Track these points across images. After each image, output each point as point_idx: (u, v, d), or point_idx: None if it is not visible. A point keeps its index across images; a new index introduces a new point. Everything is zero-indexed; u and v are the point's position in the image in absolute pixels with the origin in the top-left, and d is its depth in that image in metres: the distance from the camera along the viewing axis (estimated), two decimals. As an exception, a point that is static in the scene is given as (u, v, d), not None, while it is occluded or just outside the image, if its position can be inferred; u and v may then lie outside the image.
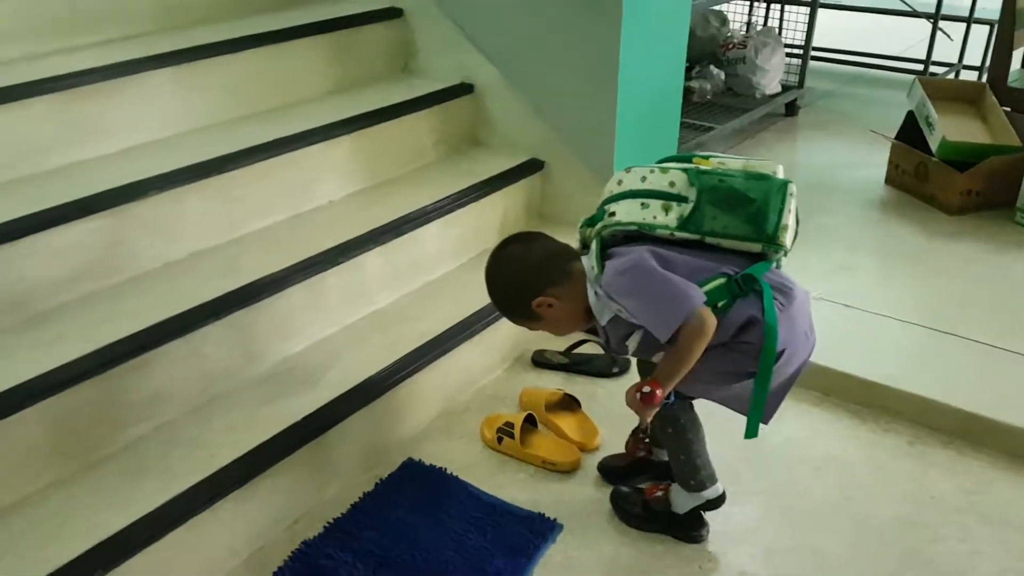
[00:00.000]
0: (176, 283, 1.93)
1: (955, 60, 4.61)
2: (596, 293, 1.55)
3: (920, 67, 4.58)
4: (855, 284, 2.59)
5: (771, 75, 4.02)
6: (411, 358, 2.01)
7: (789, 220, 1.54)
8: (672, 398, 1.56)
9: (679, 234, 1.51)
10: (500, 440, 1.98)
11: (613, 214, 1.55)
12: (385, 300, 2.25)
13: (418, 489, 1.86)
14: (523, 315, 1.64)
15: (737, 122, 3.70)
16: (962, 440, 2.01)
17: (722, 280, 1.48)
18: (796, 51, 4.22)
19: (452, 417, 2.10)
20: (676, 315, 1.43)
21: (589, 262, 1.56)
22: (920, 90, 3.18)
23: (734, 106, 3.89)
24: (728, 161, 1.61)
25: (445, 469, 1.91)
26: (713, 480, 1.72)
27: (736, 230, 1.51)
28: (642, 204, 1.54)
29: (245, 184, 2.14)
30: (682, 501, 1.73)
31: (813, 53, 4.28)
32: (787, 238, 1.53)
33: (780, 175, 1.58)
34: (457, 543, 1.71)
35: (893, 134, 3.34)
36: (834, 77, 4.82)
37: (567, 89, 2.59)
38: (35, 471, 1.59)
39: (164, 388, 1.77)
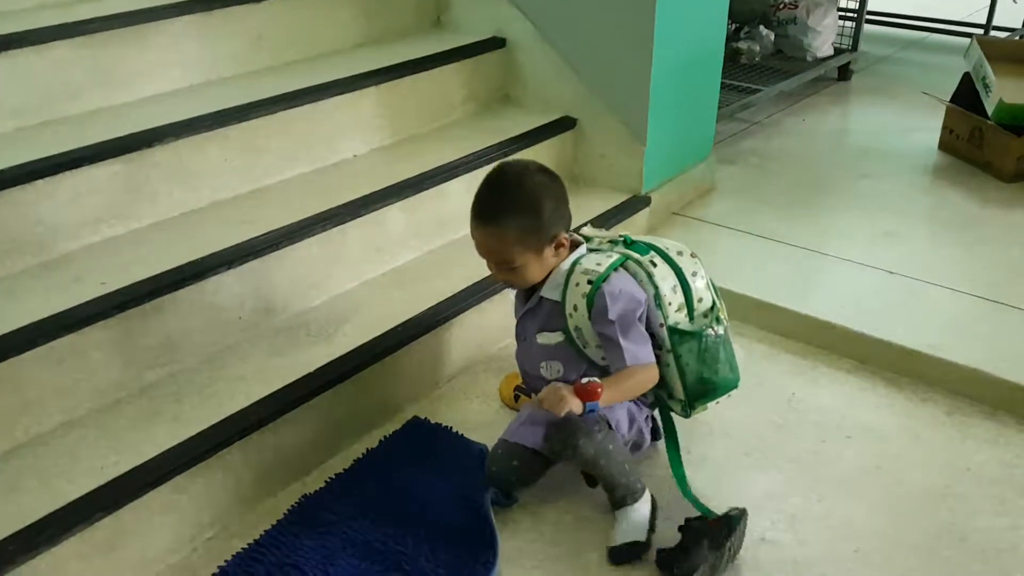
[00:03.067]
0: (194, 231, 1.92)
1: (1019, 25, 4.38)
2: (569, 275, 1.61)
3: (980, 32, 4.36)
4: (901, 251, 2.47)
5: (823, 37, 3.87)
6: (428, 315, 1.97)
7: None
8: (598, 409, 1.56)
9: (663, 331, 1.62)
10: (516, 398, 1.93)
11: (654, 264, 1.63)
12: (406, 257, 2.21)
13: (422, 446, 1.83)
14: (529, 241, 1.58)
15: (785, 84, 3.57)
16: (1006, 412, 1.90)
17: None
18: (850, 13, 4.05)
19: (468, 377, 2.06)
20: (646, 356, 1.59)
21: (596, 259, 1.62)
22: (978, 49, 3.01)
23: (783, 69, 3.75)
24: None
25: (451, 428, 1.87)
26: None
27: (692, 375, 1.65)
28: (674, 287, 1.63)
29: (267, 135, 2.11)
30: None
31: (868, 16, 4.10)
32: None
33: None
34: (460, 498, 1.67)
35: (947, 98, 3.17)
36: (890, 42, 4.63)
37: (602, 45, 2.50)
38: (47, 411, 1.59)
39: (177, 335, 1.76)
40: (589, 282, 1.58)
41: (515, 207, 1.57)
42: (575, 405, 1.51)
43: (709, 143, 2.87)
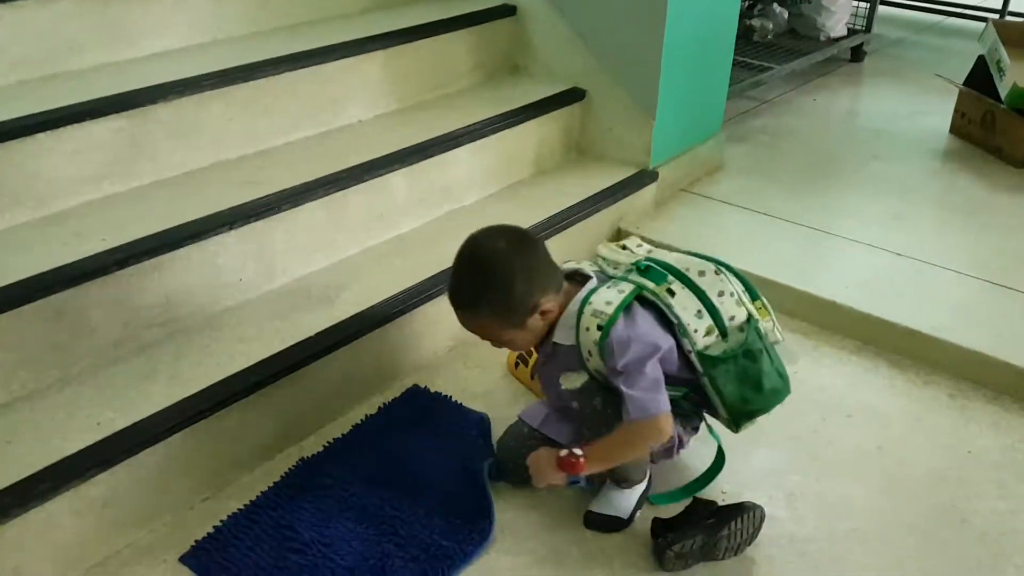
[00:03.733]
0: (196, 190, 1.89)
1: (1037, 10, 4.32)
2: (579, 318, 1.46)
3: (996, 16, 4.30)
4: (909, 233, 2.45)
5: (837, 16, 3.82)
6: (430, 283, 1.95)
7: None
8: (583, 482, 1.50)
9: (694, 358, 1.49)
10: (517, 366, 1.92)
11: (672, 293, 1.48)
12: (409, 224, 2.19)
13: (422, 414, 1.82)
14: (507, 317, 1.46)
15: (796, 64, 3.53)
16: (1009, 396, 1.89)
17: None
18: (866, -6, 3.99)
19: (468, 347, 2.04)
20: (655, 407, 1.41)
21: (606, 296, 1.46)
22: (993, 32, 2.97)
23: (796, 48, 3.70)
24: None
25: (450, 397, 1.86)
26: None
27: (731, 396, 1.51)
28: (698, 312, 1.49)
29: (272, 96, 2.09)
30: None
31: (885, -3, 4.05)
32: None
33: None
34: (458, 466, 1.67)
35: (960, 82, 3.14)
36: (905, 24, 4.57)
37: (613, 16, 2.46)
38: (44, 366, 1.58)
39: (177, 295, 1.74)
40: (599, 327, 1.43)
41: (485, 289, 1.45)
42: (558, 479, 1.46)
43: (719, 120, 2.84)
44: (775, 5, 3.83)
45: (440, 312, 1.98)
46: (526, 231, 1.55)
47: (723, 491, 1.63)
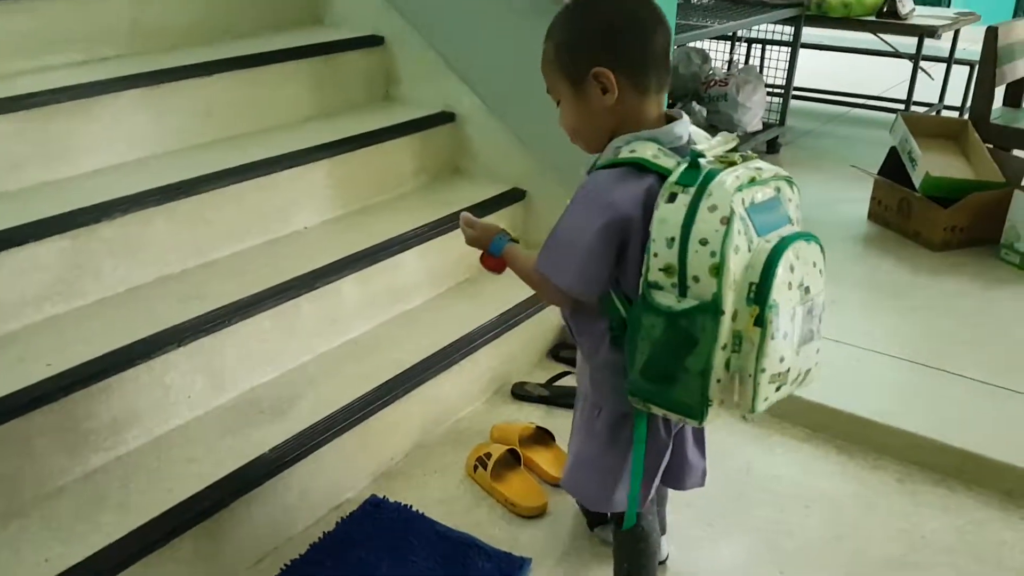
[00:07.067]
0: (141, 307, 1.85)
1: (935, 100, 4.65)
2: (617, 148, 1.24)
3: (901, 107, 4.61)
4: (840, 318, 2.54)
5: (752, 112, 4.02)
6: (385, 388, 1.94)
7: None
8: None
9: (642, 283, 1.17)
10: (476, 469, 1.90)
11: (673, 197, 1.14)
12: (361, 329, 2.18)
13: (381, 527, 1.77)
14: (562, 61, 1.25)
15: (720, 158, 3.67)
16: (954, 478, 1.95)
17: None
18: (777, 90, 4.24)
19: (427, 450, 2.02)
20: (555, 271, 1.25)
21: (649, 148, 1.21)
22: (903, 126, 3.18)
23: (717, 142, 3.87)
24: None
25: (411, 506, 1.83)
26: None
27: (638, 361, 1.20)
28: (671, 239, 1.13)
29: (217, 207, 2.08)
30: None
31: (794, 92, 4.30)
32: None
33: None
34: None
35: (874, 171, 3.33)
36: (815, 116, 4.85)
37: (550, 119, 2.52)
38: (-15, 501, 1.50)
39: (124, 416, 1.68)
40: (595, 164, 1.26)
41: (568, 16, 1.26)
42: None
43: (653, 214, 2.93)
44: (694, 103, 4.02)
45: (397, 416, 1.97)
46: (658, 10, 1.25)
47: (692, 591, 1.63)
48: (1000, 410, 2.11)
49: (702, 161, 1.17)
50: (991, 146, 3.18)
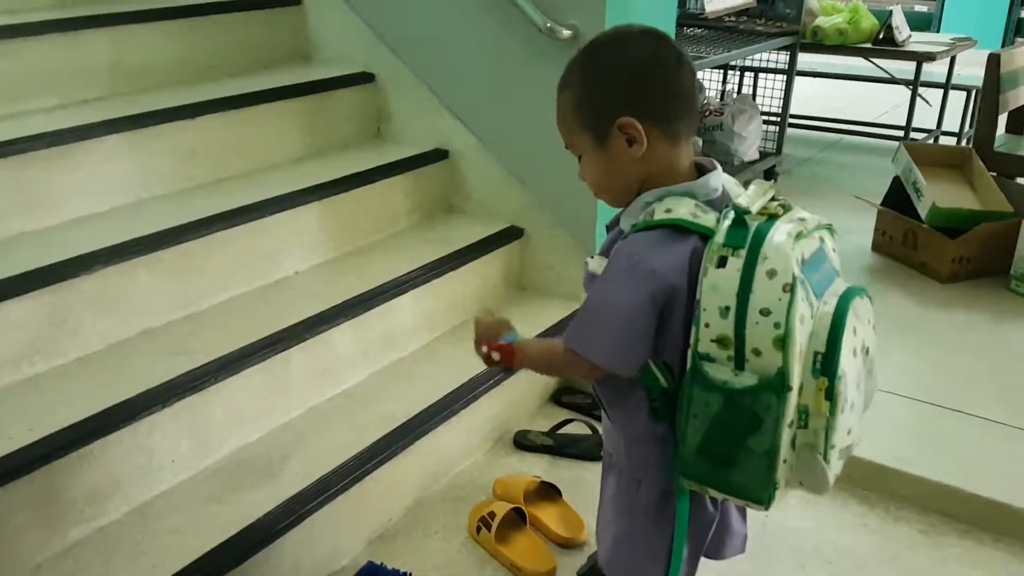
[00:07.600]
0: (123, 365, 1.76)
1: (933, 126, 4.60)
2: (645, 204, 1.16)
3: (899, 133, 4.56)
4: (851, 357, 2.46)
5: (748, 142, 3.96)
6: (380, 446, 1.84)
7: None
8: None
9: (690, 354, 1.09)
10: (479, 530, 1.80)
11: (723, 262, 1.04)
12: (354, 379, 2.08)
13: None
14: (583, 113, 1.17)
15: (718, 188, 3.61)
16: (980, 529, 1.86)
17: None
18: (773, 118, 4.18)
19: (426, 508, 1.92)
20: (585, 346, 1.15)
21: (685, 206, 1.12)
22: (906, 155, 3.11)
23: (714, 172, 3.81)
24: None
25: (410, 573, 1.72)
26: None
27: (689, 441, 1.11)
28: (725, 308, 1.04)
29: (203, 255, 1.98)
30: None
31: (790, 120, 4.25)
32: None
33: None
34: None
35: (875, 199, 3.27)
36: (812, 144, 4.80)
37: (546, 155, 2.45)
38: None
39: (105, 485, 1.58)
40: (633, 225, 1.15)
41: (585, 65, 1.17)
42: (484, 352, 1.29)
43: (654, 250, 2.85)
44: (691, 133, 3.96)
45: (393, 474, 1.87)
46: (678, 49, 1.18)
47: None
48: (1022, 454, 2.02)
49: (746, 217, 1.07)
50: (995, 174, 3.12)
